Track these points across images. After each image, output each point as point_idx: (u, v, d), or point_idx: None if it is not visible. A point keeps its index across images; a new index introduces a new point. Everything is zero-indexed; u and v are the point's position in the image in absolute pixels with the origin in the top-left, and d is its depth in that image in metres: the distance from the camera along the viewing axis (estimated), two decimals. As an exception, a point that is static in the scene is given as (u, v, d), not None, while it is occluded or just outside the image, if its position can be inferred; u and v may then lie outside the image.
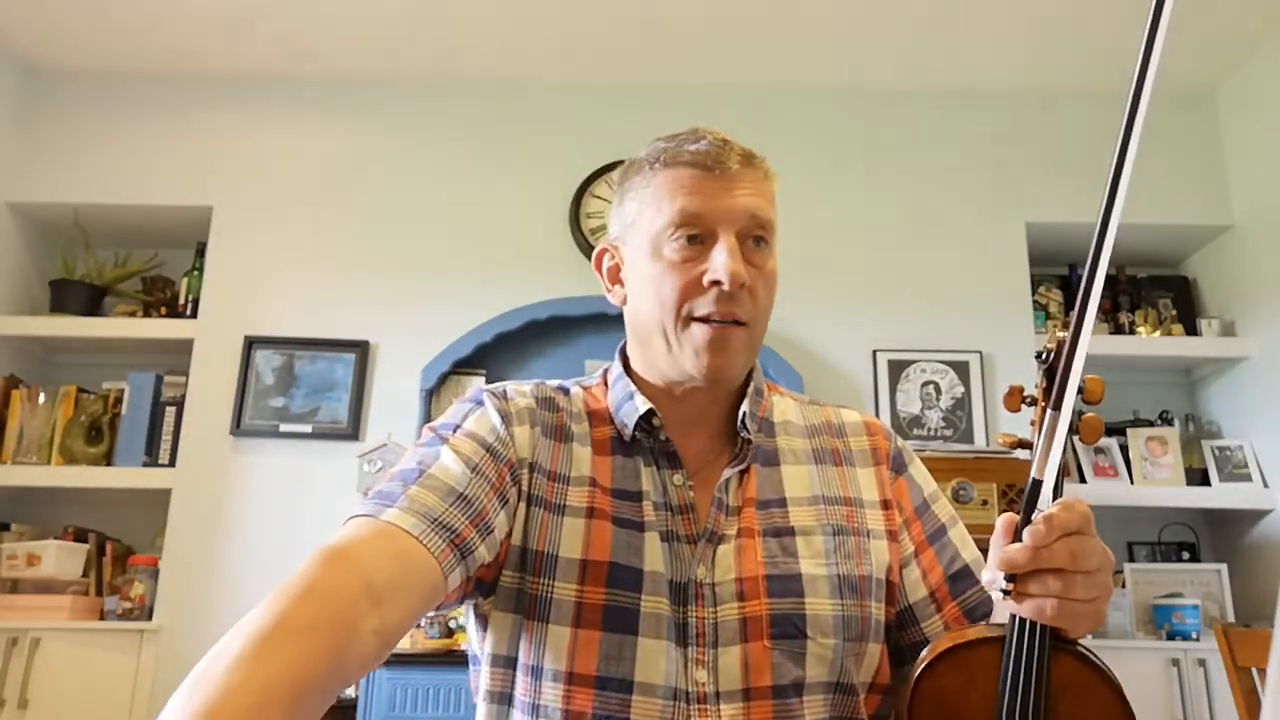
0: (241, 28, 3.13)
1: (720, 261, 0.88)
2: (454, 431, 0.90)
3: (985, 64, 3.26)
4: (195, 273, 3.25)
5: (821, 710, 0.85)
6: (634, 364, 0.99)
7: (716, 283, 0.88)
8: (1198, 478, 3.06)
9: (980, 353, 3.12)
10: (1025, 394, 0.89)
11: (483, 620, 0.91)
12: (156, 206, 3.26)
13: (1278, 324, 3.01)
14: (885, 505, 0.97)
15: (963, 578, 0.95)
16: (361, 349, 3.12)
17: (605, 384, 1.01)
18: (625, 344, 1.02)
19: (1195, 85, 3.33)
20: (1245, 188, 3.21)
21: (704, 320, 0.89)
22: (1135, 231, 3.27)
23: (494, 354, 3.11)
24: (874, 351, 3.14)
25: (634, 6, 3.01)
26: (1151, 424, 3.18)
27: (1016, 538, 0.75)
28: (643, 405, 0.93)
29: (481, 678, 0.91)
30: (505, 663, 0.88)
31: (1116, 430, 3.17)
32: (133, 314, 3.25)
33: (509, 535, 0.88)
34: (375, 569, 0.72)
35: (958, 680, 0.79)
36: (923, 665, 0.81)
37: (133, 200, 3.25)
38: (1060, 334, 0.79)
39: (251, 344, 3.10)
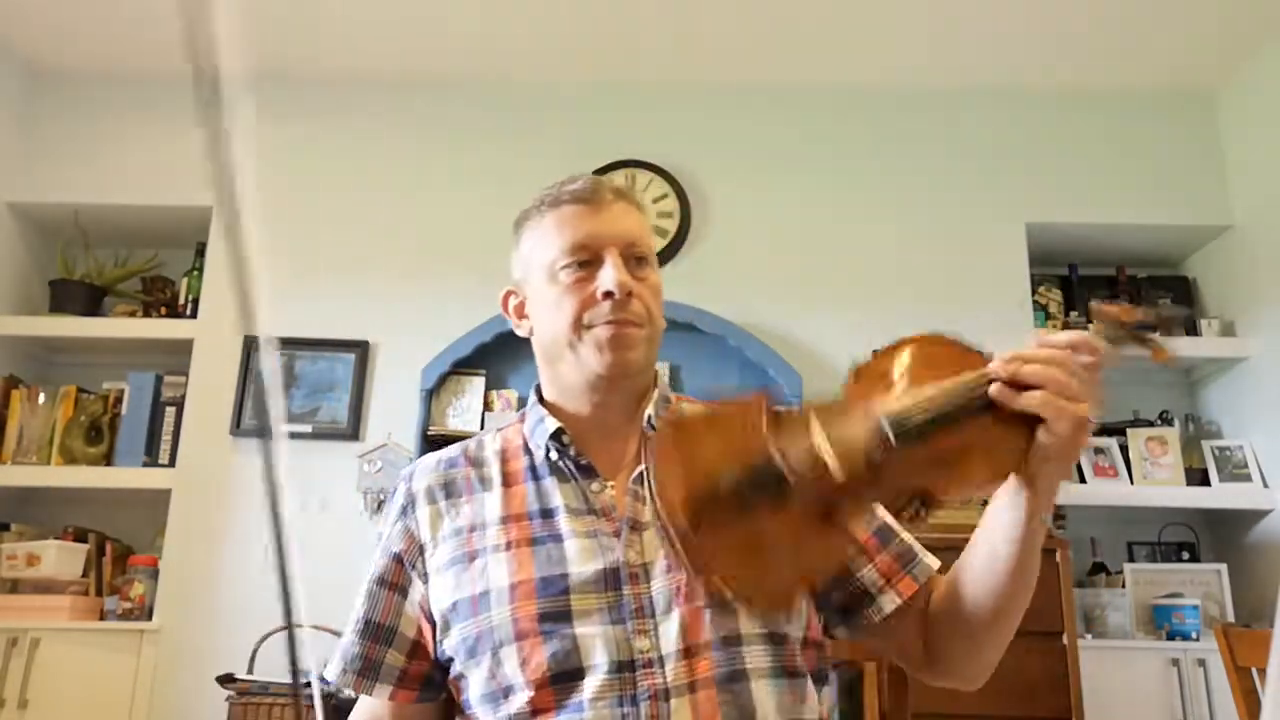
0: (241, 28, 3.13)
1: (609, 275, 1.01)
2: (380, 540, 1.09)
3: (985, 64, 3.26)
4: (195, 273, 3.25)
5: (761, 659, 0.94)
6: (547, 391, 1.11)
7: (609, 294, 1.01)
8: (1198, 478, 3.06)
9: (980, 353, 3.12)
10: None
11: (458, 680, 1.01)
12: (156, 206, 3.26)
13: (1278, 324, 3.01)
14: None
15: (885, 531, 1.07)
16: (361, 349, 3.12)
17: (522, 420, 1.12)
18: (539, 381, 1.13)
19: (1195, 85, 3.33)
20: (1245, 188, 3.21)
21: (601, 325, 1.01)
22: (1135, 231, 3.27)
23: (494, 354, 3.10)
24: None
25: (635, 6, 3.01)
26: (1151, 424, 3.18)
27: None
28: (551, 425, 1.05)
29: None
30: (487, 699, 0.97)
31: (1116, 430, 3.18)
32: (133, 314, 3.25)
33: (425, 613, 1.03)
34: None
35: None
36: None
37: (133, 200, 3.25)
38: None
39: (251, 344, 3.11)
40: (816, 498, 0.75)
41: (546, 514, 1.02)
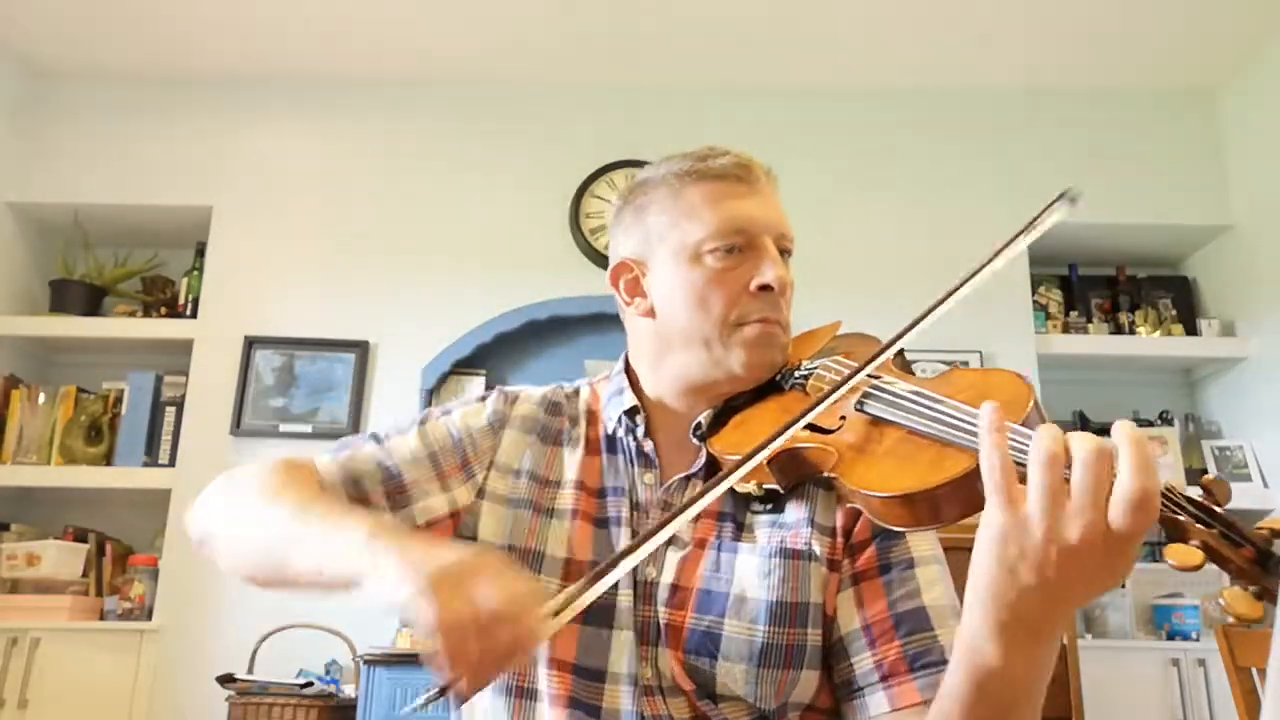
0: (241, 28, 3.13)
1: (769, 268, 0.92)
2: (443, 415, 1.00)
3: (985, 64, 3.26)
4: (195, 273, 3.25)
5: (744, 715, 0.86)
6: (641, 372, 1.01)
7: (766, 287, 0.92)
8: (1198, 478, 3.05)
9: (980, 353, 3.12)
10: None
11: None
12: (156, 206, 3.26)
13: (1278, 324, 3.01)
14: (837, 532, 0.92)
15: (912, 619, 0.86)
16: (361, 349, 3.12)
17: (606, 379, 1.06)
18: (627, 354, 1.04)
19: (1195, 85, 3.33)
20: (1245, 188, 3.21)
21: (754, 323, 0.92)
22: (1135, 231, 3.27)
23: (494, 354, 3.10)
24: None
25: (635, 7, 3.01)
26: (1151, 424, 3.18)
27: None
28: (628, 401, 0.98)
29: None
30: None
31: (1116, 430, 3.17)
32: (133, 314, 3.25)
33: (450, 521, 0.95)
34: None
35: None
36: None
37: (133, 200, 3.25)
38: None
39: (251, 344, 3.10)
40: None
41: (614, 492, 0.95)
